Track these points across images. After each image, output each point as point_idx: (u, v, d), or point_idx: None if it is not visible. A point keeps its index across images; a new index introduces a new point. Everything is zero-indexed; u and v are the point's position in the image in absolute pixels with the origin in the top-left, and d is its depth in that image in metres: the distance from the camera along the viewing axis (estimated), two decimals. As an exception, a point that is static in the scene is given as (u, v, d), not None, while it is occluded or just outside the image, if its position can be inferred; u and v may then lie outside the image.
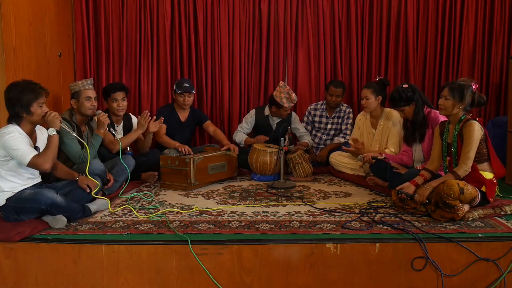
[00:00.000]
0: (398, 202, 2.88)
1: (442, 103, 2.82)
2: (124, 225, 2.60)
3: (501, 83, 4.46)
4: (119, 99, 3.68)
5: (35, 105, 2.61)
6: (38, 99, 2.62)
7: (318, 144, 4.45)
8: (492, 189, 2.77)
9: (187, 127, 4.20)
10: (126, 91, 3.78)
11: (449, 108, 2.80)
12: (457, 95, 2.76)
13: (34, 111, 2.61)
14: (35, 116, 2.63)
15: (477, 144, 2.71)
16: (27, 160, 2.53)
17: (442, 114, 2.88)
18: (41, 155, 2.58)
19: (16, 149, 2.52)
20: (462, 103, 2.76)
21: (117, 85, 3.78)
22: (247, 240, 2.39)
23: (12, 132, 2.55)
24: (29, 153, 2.54)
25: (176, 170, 3.50)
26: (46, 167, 2.57)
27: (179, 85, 4.04)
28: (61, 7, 4.09)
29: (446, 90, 2.82)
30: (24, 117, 2.61)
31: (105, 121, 3.33)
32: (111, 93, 3.67)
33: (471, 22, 4.47)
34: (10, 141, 2.52)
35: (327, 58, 4.61)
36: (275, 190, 3.48)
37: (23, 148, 2.54)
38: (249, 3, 4.50)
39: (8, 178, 2.62)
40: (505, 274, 2.34)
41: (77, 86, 3.29)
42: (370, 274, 2.36)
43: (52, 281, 2.37)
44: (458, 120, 2.82)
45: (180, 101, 4.06)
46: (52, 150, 2.62)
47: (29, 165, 2.55)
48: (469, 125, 2.72)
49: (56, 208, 2.56)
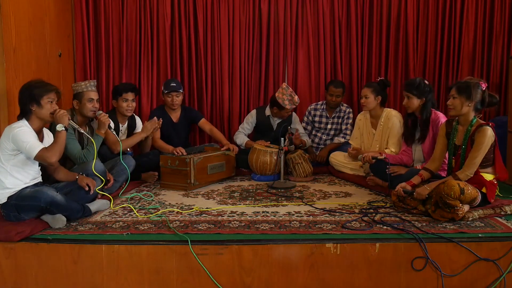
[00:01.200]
0: (398, 202, 2.88)
1: (450, 103, 2.79)
2: (124, 225, 2.60)
3: (501, 83, 4.46)
4: (129, 100, 3.69)
5: (46, 98, 2.68)
6: (48, 93, 2.69)
7: (318, 144, 4.45)
8: (492, 190, 2.77)
9: (181, 127, 4.18)
10: (136, 93, 3.82)
11: (458, 107, 2.75)
12: (464, 92, 2.72)
13: (44, 105, 2.67)
14: (44, 110, 2.68)
15: (486, 150, 2.68)
16: (35, 152, 2.58)
17: (452, 114, 2.83)
18: (49, 149, 2.64)
19: (25, 141, 2.58)
20: (471, 101, 2.72)
21: (129, 85, 3.80)
22: (247, 240, 2.39)
23: (22, 127, 2.63)
24: (37, 146, 2.60)
25: (176, 170, 3.50)
26: (53, 160, 2.61)
27: (166, 85, 4.04)
28: (61, 7, 4.09)
29: (453, 89, 2.79)
30: (33, 111, 2.67)
31: (105, 121, 3.33)
32: (123, 93, 3.68)
33: (471, 22, 4.47)
34: (20, 134, 2.58)
35: (327, 58, 4.61)
36: (275, 190, 3.48)
37: (32, 141, 2.60)
38: (249, 3, 4.50)
39: (13, 174, 2.64)
40: (505, 274, 2.34)
41: (80, 87, 3.28)
42: (370, 274, 2.36)
43: (52, 281, 2.37)
44: (470, 123, 2.77)
45: (168, 101, 4.05)
46: (60, 145, 2.68)
47: (37, 157, 2.59)
48: (483, 130, 2.67)
49: (56, 206, 2.57)
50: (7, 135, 2.60)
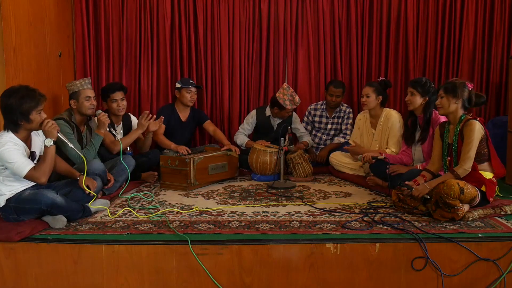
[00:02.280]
0: (398, 202, 2.88)
1: (439, 102, 2.89)
2: (124, 225, 2.60)
3: (501, 83, 4.46)
4: (119, 99, 3.67)
5: (34, 112, 2.56)
6: (37, 106, 2.56)
7: (318, 144, 4.45)
8: (492, 189, 2.77)
9: (188, 126, 4.20)
10: (125, 90, 3.77)
11: (446, 105, 2.84)
12: (450, 91, 2.82)
13: (34, 119, 2.56)
14: (34, 124, 2.59)
15: (477, 143, 2.72)
16: (24, 173, 2.51)
17: (441, 113, 2.92)
18: (37, 169, 2.54)
19: (12, 162, 2.49)
20: (457, 98, 2.81)
21: (115, 85, 3.76)
22: (247, 240, 2.39)
23: (7, 144, 2.50)
24: (25, 166, 2.51)
25: (176, 170, 3.50)
26: (42, 180, 2.55)
27: (185, 81, 4.04)
28: (61, 7, 4.08)
29: (441, 90, 2.90)
30: (22, 125, 2.57)
31: (105, 121, 3.33)
32: (110, 94, 3.66)
33: (471, 22, 4.46)
34: (6, 154, 2.48)
35: (327, 58, 4.61)
36: (275, 190, 3.47)
37: (20, 161, 2.50)
38: (249, 3, 4.50)
39: (7, 183, 2.61)
40: (505, 274, 2.34)
41: (76, 86, 3.27)
42: (370, 274, 2.36)
43: (52, 281, 2.37)
44: (459, 120, 2.83)
45: (187, 97, 4.04)
46: (49, 163, 2.58)
47: (26, 177, 2.54)
48: (470, 124, 2.74)
49: (56, 208, 2.56)
50: None
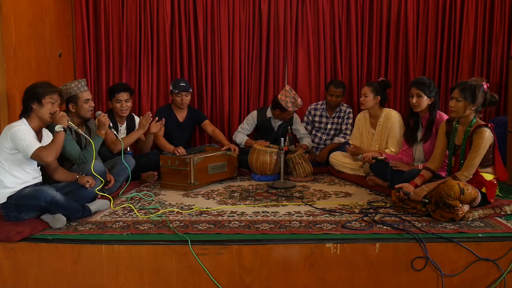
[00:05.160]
0: (398, 202, 2.88)
1: (453, 105, 2.73)
2: (124, 225, 2.60)
3: (501, 83, 4.46)
4: (123, 100, 3.69)
5: (48, 98, 2.70)
6: (51, 94, 2.72)
7: (318, 144, 4.45)
8: (492, 190, 2.77)
9: (186, 127, 4.20)
10: (131, 92, 3.80)
11: (461, 110, 2.71)
12: (469, 96, 2.68)
13: (45, 104, 2.70)
14: (44, 110, 2.70)
15: (484, 152, 2.67)
16: (32, 150, 2.58)
17: (453, 116, 2.81)
18: (46, 148, 2.64)
19: (23, 140, 2.58)
20: (474, 104, 2.68)
21: (122, 86, 3.79)
22: (247, 240, 2.39)
23: (21, 126, 2.65)
24: (34, 144, 2.61)
25: (176, 170, 3.50)
26: (49, 159, 2.61)
27: (176, 84, 4.04)
28: (61, 7, 4.09)
29: (456, 92, 2.72)
30: (34, 109, 2.69)
31: (105, 122, 3.32)
32: (116, 94, 3.69)
33: (471, 22, 4.47)
34: (18, 132, 2.59)
35: (327, 58, 4.61)
36: (275, 190, 3.47)
37: (29, 140, 2.60)
38: (249, 3, 4.50)
39: (12, 173, 2.64)
40: (505, 274, 2.34)
41: (72, 89, 3.20)
42: (370, 274, 2.36)
43: (52, 281, 2.37)
44: (469, 123, 2.75)
45: (177, 101, 4.06)
46: (57, 145, 2.68)
47: (33, 156, 2.59)
48: (480, 132, 2.65)
49: (56, 205, 2.57)
50: (6, 133, 2.61)
